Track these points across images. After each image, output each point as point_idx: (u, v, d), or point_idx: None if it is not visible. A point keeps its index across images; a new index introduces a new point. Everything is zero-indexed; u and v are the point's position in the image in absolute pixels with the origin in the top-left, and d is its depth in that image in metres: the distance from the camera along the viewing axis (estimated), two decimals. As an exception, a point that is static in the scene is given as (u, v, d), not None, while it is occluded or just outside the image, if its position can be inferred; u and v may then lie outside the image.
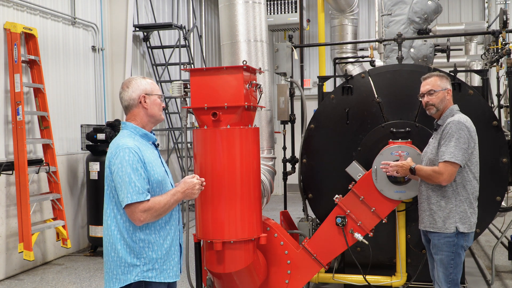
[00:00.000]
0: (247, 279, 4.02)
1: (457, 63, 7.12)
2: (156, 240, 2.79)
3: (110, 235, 2.78)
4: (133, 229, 2.75)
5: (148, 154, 2.81)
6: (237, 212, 3.80)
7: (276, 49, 5.27)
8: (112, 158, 2.75)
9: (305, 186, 5.07)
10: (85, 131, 7.68)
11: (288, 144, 5.61)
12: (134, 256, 2.74)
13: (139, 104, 2.88)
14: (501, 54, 6.00)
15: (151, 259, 2.77)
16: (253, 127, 4.01)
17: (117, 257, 2.75)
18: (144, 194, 2.68)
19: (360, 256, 4.79)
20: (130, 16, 8.82)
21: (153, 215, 2.71)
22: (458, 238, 3.60)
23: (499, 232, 6.79)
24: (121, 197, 2.69)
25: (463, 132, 3.53)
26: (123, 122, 2.95)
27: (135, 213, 2.67)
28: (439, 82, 3.72)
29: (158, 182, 2.79)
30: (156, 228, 2.80)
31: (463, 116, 3.67)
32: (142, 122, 2.90)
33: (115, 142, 2.83)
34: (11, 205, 6.50)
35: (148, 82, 2.92)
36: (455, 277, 3.64)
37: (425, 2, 5.79)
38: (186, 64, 10.16)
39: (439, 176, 3.54)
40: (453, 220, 3.58)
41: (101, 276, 6.42)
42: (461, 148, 3.51)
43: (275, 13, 9.96)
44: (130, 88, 2.88)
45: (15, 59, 6.47)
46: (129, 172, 2.67)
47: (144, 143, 2.86)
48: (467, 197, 3.61)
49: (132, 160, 2.69)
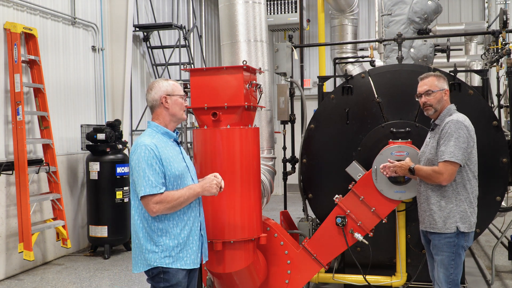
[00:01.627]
0: (247, 279, 4.02)
1: (457, 63, 7.12)
2: (172, 229, 3.02)
3: (134, 224, 3.06)
4: (152, 218, 3.00)
5: (167, 150, 3.04)
6: (237, 212, 3.80)
7: (276, 49, 5.27)
8: (132, 155, 3.02)
9: (305, 186, 5.07)
10: (85, 131, 7.68)
11: (288, 144, 5.61)
12: (153, 243, 3.00)
13: (161, 105, 3.12)
14: (501, 54, 6.00)
15: (167, 247, 3.00)
16: (253, 127, 4.01)
17: (139, 244, 3.03)
18: (157, 188, 2.92)
19: (360, 256, 4.79)
20: (130, 16, 8.82)
21: (166, 207, 2.94)
22: (458, 238, 3.58)
23: (499, 232, 6.79)
24: (138, 189, 2.96)
25: (462, 131, 3.52)
26: (148, 121, 3.20)
27: (148, 205, 2.93)
28: (437, 83, 3.70)
29: (175, 176, 3.02)
30: (174, 218, 3.03)
31: (461, 115, 3.66)
32: (164, 121, 3.15)
33: (137, 140, 3.08)
34: (11, 205, 6.50)
35: (170, 83, 3.16)
36: (455, 278, 3.63)
37: (425, 2, 5.79)
38: (186, 64, 10.16)
39: (440, 176, 3.53)
40: (454, 220, 3.57)
41: (101, 276, 6.43)
42: (461, 147, 3.50)
43: (275, 13, 9.96)
44: (153, 90, 3.14)
45: (15, 59, 6.47)
46: (144, 167, 2.93)
47: (164, 141, 3.09)
48: (467, 197, 3.60)
49: (147, 156, 2.94)
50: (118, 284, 6.08)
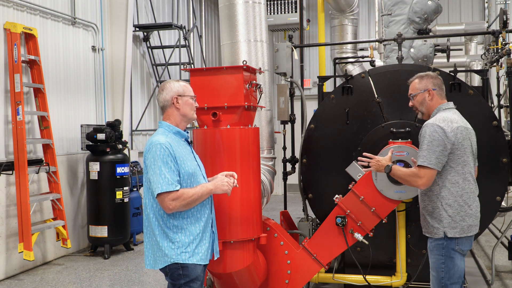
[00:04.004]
0: (247, 279, 4.02)
1: (457, 63, 7.12)
2: (188, 226, 3.10)
3: (150, 222, 3.12)
4: (167, 216, 3.07)
5: (180, 149, 3.11)
6: (237, 212, 3.80)
7: (276, 49, 5.27)
8: (146, 153, 3.08)
9: (305, 186, 5.07)
10: (85, 131, 7.68)
11: (288, 144, 5.61)
12: (169, 240, 3.07)
13: (172, 105, 3.20)
14: (501, 54, 6.00)
15: (183, 243, 3.08)
16: (253, 127, 4.01)
17: (155, 241, 3.09)
18: (173, 185, 2.99)
19: (360, 256, 4.79)
20: (130, 16, 8.82)
21: (182, 203, 3.00)
22: (447, 241, 3.43)
23: (499, 232, 6.79)
24: (154, 187, 3.00)
25: (436, 134, 3.35)
26: (160, 121, 3.27)
27: (165, 202, 2.99)
28: (418, 85, 3.60)
29: (189, 174, 3.11)
30: (189, 215, 3.11)
31: (443, 115, 3.47)
32: (175, 121, 3.22)
33: (150, 139, 3.13)
34: (11, 205, 6.50)
35: (181, 84, 3.23)
36: (447, 283, 3.43)
37: (425, 2, 5.79)
38: (186, 64, 10.16)
39: (418, 179, 3.38)
40: (441, 225, 3.43)
41: (101, 276, 6.43)
42: (434, 151, 3.34)
43: (275, 13, 9.96)
44: (164, 90, 3.20)
45: (15, 59, 6.47)
46: (160, 165, 2.99)
47: (176, 140, 3.16)
48: (454, 200, 3.42)
49: (163, 154, 3.01)
50: (118, 284, 6.08)
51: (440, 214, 3.43)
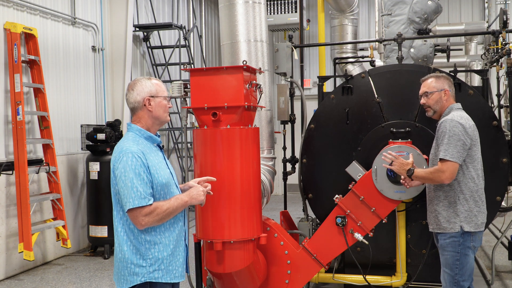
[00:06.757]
0: (247, 279, 4.02)
1: (457, 63, 7.12)
2: (161, 240, 2.81)
3: (118, 237, 2.81)
4: (138, 230, 2.77)
5: (152, 157, 2.82)
6: (237, 212, 3.80)
7: (276, 49, 5.27)
8: (116, 163, 2.80)
9: (305, 186, 5.07)
10: (85, 131, 7.68)
11: (288, 144, 5.61)
12: (140, 257, 2.77)
13: (144, 107, 2.88)
14: (501, 54, 5.99)
15: (157, 260, 2.79)
16: (253, 127, 4.01)
17: (124, 258, 2.78)
18: (146, 199, 2.69)
19: (360, 256, 4.79)
20: (130, 16, 8.82)
21: (155, 219, 2.72)
22: (463, 238, 3.51)
23: (499, 232, 6.79)
24: (124, 201, 2.72)
25: (457, 129, 3.46)
26: (129, 123, 2.96)
27: (137, 218, 2.69)
28: (434, 84, 3.70)
29: (162, 185, 2.81)
30: (161, 229, 2.82)
31: (459, 113, 3.60)
32: (147, 124, 2.90)
33: (119, 145, 2.84)
34: (11, 205, 6.50)
35: (153, 83, 2.91)
36: (460, 279, 3.50)
37: (425, 2, 5.79)
38: (186, 64, 10.17)
39: (441, 174, 3.46)
40: (458, 220, 3.51)
41: (101, 276, 6.43)
42: (455, 145, 3.45)
43: (275, 13, 9.95)
44: (135, 90, 2.89)
45: (15, 59, 6.47)
46: (132, 177, 2.70)
47: (148, 146, 2.87)
48: (471, 195, 3.53)
49: (134, 165, 2.71)
50: (118, 284, 6.07)
51: (458, 208, 3.52)
